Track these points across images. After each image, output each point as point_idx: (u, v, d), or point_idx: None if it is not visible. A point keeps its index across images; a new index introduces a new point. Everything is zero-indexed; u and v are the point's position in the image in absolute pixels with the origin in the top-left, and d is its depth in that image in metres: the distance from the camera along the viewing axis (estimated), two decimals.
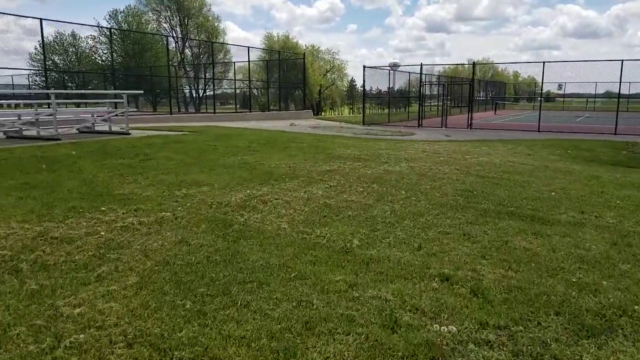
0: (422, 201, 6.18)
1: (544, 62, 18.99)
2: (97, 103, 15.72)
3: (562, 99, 51.87)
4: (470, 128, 20.85)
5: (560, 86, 22.77)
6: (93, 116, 12.93)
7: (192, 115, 22.46)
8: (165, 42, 25.65)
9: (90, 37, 38.78)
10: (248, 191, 6.36)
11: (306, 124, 21.83)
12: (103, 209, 5.41)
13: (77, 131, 12.51)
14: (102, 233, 4.61)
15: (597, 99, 46.51)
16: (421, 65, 21.94)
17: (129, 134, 12.57)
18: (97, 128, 13.20)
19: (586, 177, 8.38)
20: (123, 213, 5.26)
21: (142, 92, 20.94)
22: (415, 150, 11.66)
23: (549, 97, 53.64)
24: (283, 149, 10.60)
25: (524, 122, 27.47)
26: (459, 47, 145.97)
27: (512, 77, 71.31)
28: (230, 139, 12.24)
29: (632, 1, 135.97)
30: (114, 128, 13.14)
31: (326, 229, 4.90)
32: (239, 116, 22.96)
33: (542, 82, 19.24)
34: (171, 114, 21.02)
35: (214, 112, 21.99)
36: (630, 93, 36.18)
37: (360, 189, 6.76)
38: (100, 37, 38.28)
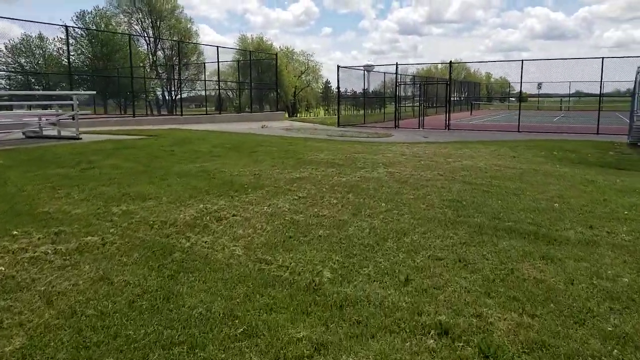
0: (405, 215, 5.31)
1: (522, 60, 18.48)
2: (50, 106, 14.44)
3: (536, 99, 52.12)
4: (449, 129, 20.21)
5: (539, 85, 22.47)
6: (40, 120, 11.67)
7: (158, 117, 21.17)
8: (128, 41, 24.24)
9: (57, 38, 37.05)
10: (201, 205, 5.38)
11: (279, 125, 20.87)
12: (15, 233, 4.36)
13: (24, 136, 11.28)
14: (0, 268, 3.58)
15: (570, 99, 46.77)
16: (396, 64, 21.25)
17: (79, 138, 11.39)
18: (46, 132, 11.97)
19: (580, 181, 7.65)
20: (39, 238, 4.22)
21: (95, 92, 19.54)
22: (394, 153, 10.82)
23: (521, 97, 53.82)
24: (249, 153, 9.62)
25: (501, 122, 27.09)
26: (431, 49, 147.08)
27: (484, 78, 71.70)
28: (192, 143, 11.19)
29: (599, 4, 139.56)
30: (65, 133, 11.92)
31: (291, 255, 3.96)
32: (208, 118, 21.81)
33: (521, 82, 18.73)
34: (134, 116, 19.74)
35: (181, 115, 20.76)
36: (604, 92, 36.23)
37: (334, 201, 5.84)
38: (68, 39, 36.52)
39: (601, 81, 17.05)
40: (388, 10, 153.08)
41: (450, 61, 19.92)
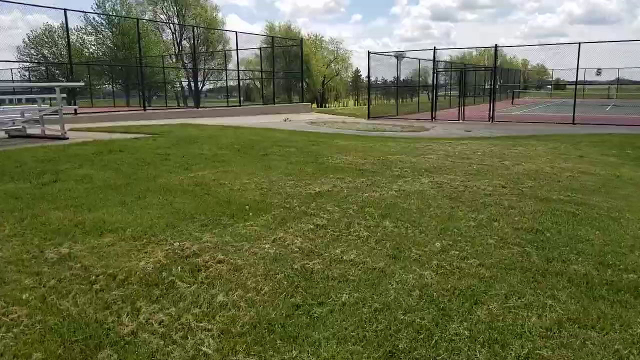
0: (469, 259, 3.62)
1: (579, 43, 16.26)
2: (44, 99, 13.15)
3: (579, 87, 48.69)
4: (492, 121, 18.18)
5: (598, 71, 19.99)
6: (23, 116, 10.32)
7: (172, 111, 19.55)
8: (136, 28, 22.93)
9: (77, 27, 36.30)
10: (176, 244, 3.80)
11: (304, 118, 19.25)
12: None
13: (7, 135, 10.01)
14: None
15: (619, 86, 43.38)
16: (434, 49, 19.24)
17: (65, 138, 9.99)
18: (31, 131, 10.60)
19: None
20: None
21: (82, 83, 18.08)
22: (436, 154, 9.05)
23: (558, 85, 50.56)
24: (262, 157, 8.01)
25: (549, 112, 24.74)
26: (465, 35, 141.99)
27: (521, 65, 68.18)
28: (196, 143, 9.63)
29: None
30: (50, 131, 10.47)
31: (295, 353, 2.35)
32: (228, 111, 20.32)
33: (577, 68, 16.48)
34: (145, 110, 18.37)
35: (198, 107, 19.30)
36: None
37: (364, 233, 4.18)
38: (87, 28, 35.76)
39: None
40: None
41: (496, 45, 17.83)
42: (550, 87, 53.07)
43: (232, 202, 5.00)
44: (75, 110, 15.87)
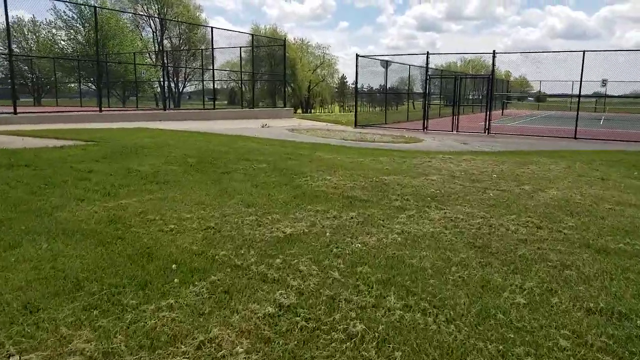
0: None
1: (584, 51, 14.91)
2: None
3: (565, 100, 47.81)
4: (488, 133, 16.74)
5: (604, 83, 18.70)
6: None
7: (132, 112, 16.84)
8: (94, 16, 21.01)
9: (46, 21, 34.16)
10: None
11: (284, 124, 17.55)
12: None
13: None
14: None
15: (607, 99, 42.61)
16: (427, 54, 17.75)
17: None
18: None
19: None
20: None
21: None
22: (439, 173, 7.46)
23: (539, 98, 49.77)
24: (221, 175, 6.26)
25: (544, 125, 23.48)
26: (449, 46, 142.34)
27: (503, 76, 67.77)
28: (137, 154, 7.75)
29: (621, 3, 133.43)
30: None
31: None
32: (200, 114, 18.39)
33: (581, 78, 15.10)
34: (100, 110, 16.27)
35: (164, 109, 17.31)
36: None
37: (358, 325, 2.53)
38: (57, 22, 33.60)
39: None
40: (406, 5, 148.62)
41: (494, 51, 16.45)
42: (531, 99, 52.24)
43: (153, 256, 3.29)
44: (15, 109, 13.90)
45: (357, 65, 18.60)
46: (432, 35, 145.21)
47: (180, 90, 50.53)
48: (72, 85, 33.46)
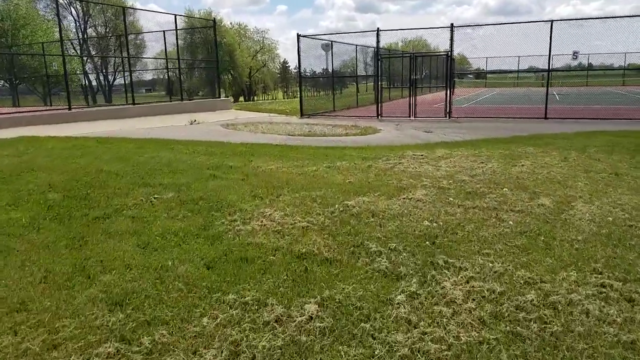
0: None
1: (552, 21, 13.36)
2: None
3: (511, 75, 47.47)
4: (450, 117, 15.03)
5: (575, 55, 17.44)
6: None
7: (22, 115, 13.02)
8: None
9: None
10: None
11: (219, 119, 15.08)
12: None
13: None
14: None
15: (551, 73, 42.46)
16: (378, 30, 15.72)
17: None
18: None
19: None
20: None
21: None
22: (421, 184, 5.44)
23: (479, 75, 49.21)
24: (92, 222, 3.87)
25: (500, 104, 22.18)
26: (389, 26, 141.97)
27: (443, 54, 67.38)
28: None
29: None
30: None
31: None
32: (116, 112, 15.35)
33: (550, 51, 13.55)
34: None
35: (69, 108, 14.17)
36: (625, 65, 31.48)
37: None
38: None
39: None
40: None
41: (452, 24, 14.62)
42: (471, 76, 51.56)
43: None
44: None
45: (299, 47, 16.33)
46: (371, 17, 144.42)
47: (111, 83, 46.35)
48: None
